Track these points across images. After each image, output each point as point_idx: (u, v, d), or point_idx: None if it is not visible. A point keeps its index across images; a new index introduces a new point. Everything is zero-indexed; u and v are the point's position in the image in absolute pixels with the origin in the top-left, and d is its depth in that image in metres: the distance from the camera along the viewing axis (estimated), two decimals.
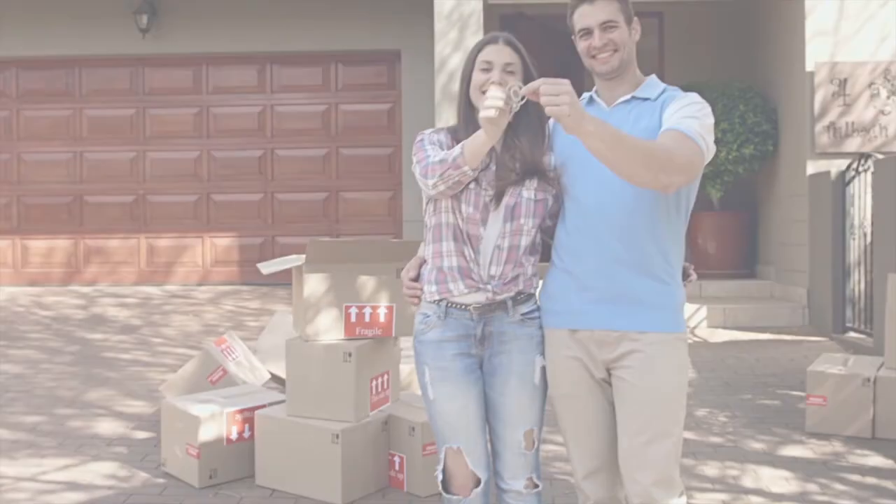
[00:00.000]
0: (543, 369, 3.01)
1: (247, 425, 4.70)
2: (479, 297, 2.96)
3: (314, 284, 4.39)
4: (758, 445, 5.23)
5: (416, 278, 3.08)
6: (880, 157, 7.66)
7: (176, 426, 4.70)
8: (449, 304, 2.97)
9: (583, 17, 2.95)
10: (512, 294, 2.98)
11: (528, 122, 2.97)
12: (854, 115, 8.87)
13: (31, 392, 6.36)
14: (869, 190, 7.78)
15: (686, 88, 10.33)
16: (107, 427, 5.56)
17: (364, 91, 11.17)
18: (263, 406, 4.72)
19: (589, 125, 2.53)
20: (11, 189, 11.29)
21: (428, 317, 3.01)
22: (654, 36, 11.98)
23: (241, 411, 4.69)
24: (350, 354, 4.36)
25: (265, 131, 11.21)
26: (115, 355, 7.41)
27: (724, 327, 8.83)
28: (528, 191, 2.96)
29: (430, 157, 2.87)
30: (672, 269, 2.89)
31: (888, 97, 8.81)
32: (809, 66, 8.94)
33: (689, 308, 8.94)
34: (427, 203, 3.00)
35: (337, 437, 4.33)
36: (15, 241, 11.26)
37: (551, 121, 3.13)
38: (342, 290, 4.42)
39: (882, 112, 8.84)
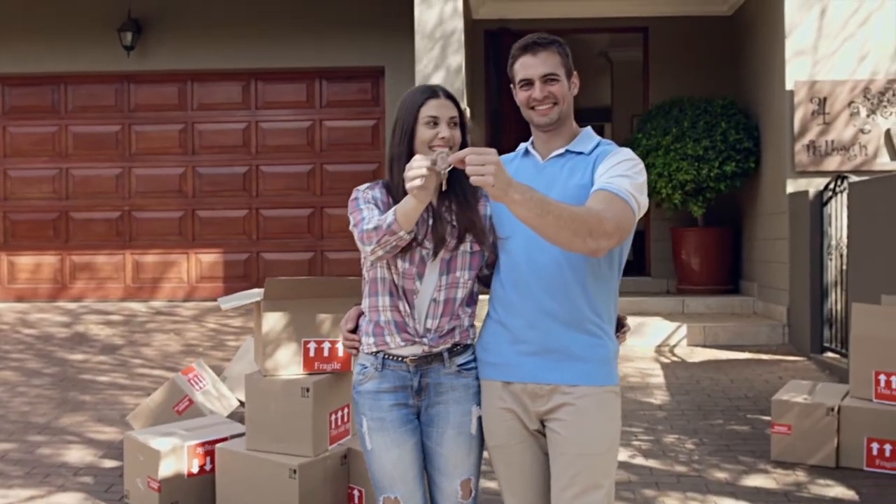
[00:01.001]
0: (480, 419, 3.04)
1: (208, 458, 4.73)
2: (416, 350, 2.98)
3: (272, 321, 4.42)
4: (721, 475, 5.24)
5: (355, 329, 3.11)
6: (855, 179, 7.68)
7: (137, 459, 4.73)
8: (386, 356, 3.00)
9: (524, 68, 2.97)
10: (448, 346, 3.01)
11: (463, 174, 2.98)
12: (834, 134, 8.89)
13: (5, 417, 6.38)
14: (846, 211, 7.80)
15: (669, 104, 10.31)
16: (76, 455, 5.58)
17: (348, 107, 11.20)
18: (225, 439, 4.76)
19: (515, 194, 2.54)
20: None
21: (365, 368, 3.04)
22: (638, 50, 12.03)
23: (203, 444, 4.72)
24: (308, 389, 4.39)
25: (250, 147, 11.24)
26: (92, 377, 7.43)
27: (704, 345, 8.84)
28: (465, 243, 2.99)
29: (365, 221, 2.88)
30: (604, 323, 2.91)
31: (868, 116, 8.83)
32: (789, 85, 8.96)
33: (669, 326, 8.97)
34: (364, 257, 3.02)
35: (294, 472, 4.35)
36: (1, 256, 11.29)
37: None
38: (301, 325, 4.45)
39: (862, 131, 8.86)
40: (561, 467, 2.87)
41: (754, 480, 5.16)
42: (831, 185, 8.14)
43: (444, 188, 2.75)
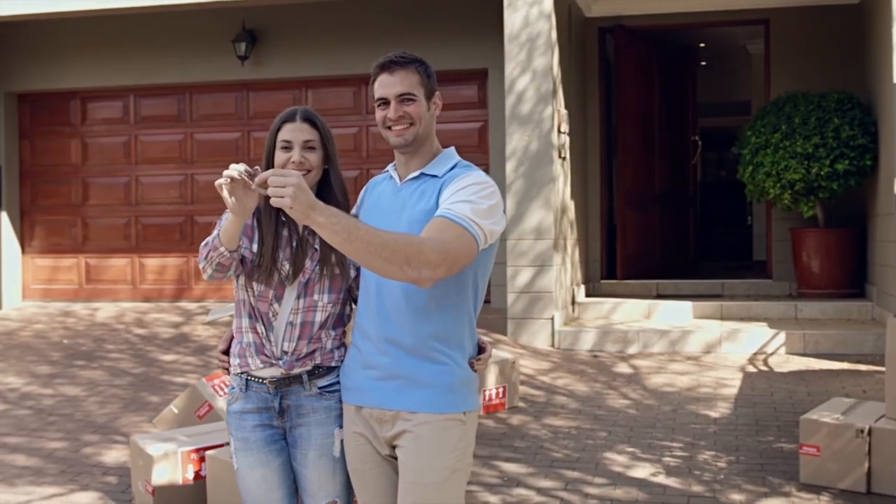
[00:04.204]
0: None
1: (203, 464, 4.87)
2: (274, 372, 3.01)
3: None
4: (737, 497, 4.98)
5: (227, 351, 3.16)
6: None
7: (138, 463, 4.92)
8: (249, 378, 3.04)
9: (381, 87, 2.93)
10: (308, 368, 3.01)
11: (328, 196, 2.99)
12: None
13: (71, 416, 6.75)
14: None
15: (783, 99, 9.80)
16: (114, 456, 5.85)
17: (454, 110, 11.14)
18: (221, 446, 4.88)
19: (319, 217, 2.50)
20: (130, 210, 11.96)
21: (234, 389, 3.09)
22: (760, 43, 11.53)
23: (198, 450, 4.87)
24: None
25: (361, 152, 11.44)
26: (170, 379, 7.76)
27: (804, 354, 8.40)
28: (327, 267, 2.98)
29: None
30: (450, 350, 2.83)
31: None
32: None
33: (766, 333, 8.57)
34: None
35: None
36: (133, 259, 11.93)
37: (359, 196, 3.15)
38: None
39: None
40: (401, 494, 2.83)
41: None
42: None
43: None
